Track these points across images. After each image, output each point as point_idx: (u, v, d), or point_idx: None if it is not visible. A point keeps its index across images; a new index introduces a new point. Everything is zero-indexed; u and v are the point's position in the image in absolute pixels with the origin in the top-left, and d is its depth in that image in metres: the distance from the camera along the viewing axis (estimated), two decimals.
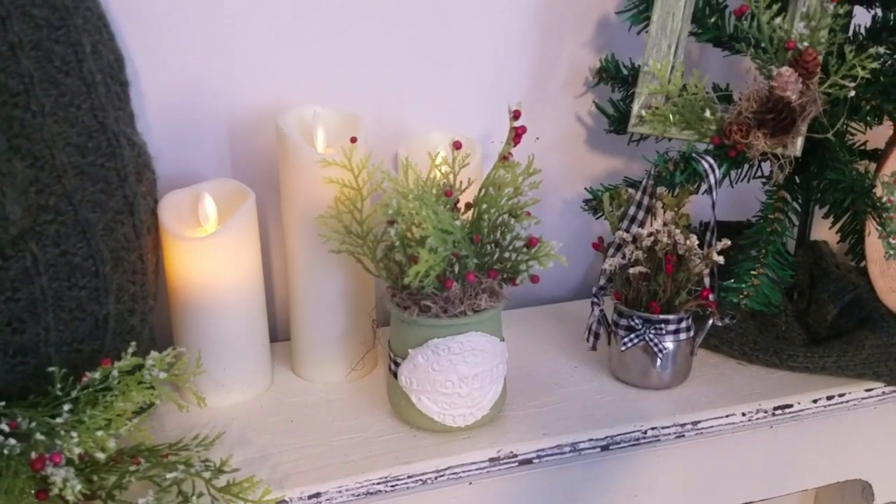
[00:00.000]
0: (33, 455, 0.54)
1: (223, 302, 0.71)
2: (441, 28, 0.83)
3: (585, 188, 0.84)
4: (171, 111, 0.76)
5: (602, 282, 0.76)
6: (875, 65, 0.65)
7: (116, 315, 0.65)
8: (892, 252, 0.68)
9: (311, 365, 0.77)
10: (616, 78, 0.83)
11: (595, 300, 0.76)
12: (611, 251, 0.75)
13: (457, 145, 0.69)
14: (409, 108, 0.84)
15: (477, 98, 0.87)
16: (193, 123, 0.78)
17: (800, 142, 0.68)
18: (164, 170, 0.73)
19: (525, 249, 0.65)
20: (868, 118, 0.72)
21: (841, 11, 0.67)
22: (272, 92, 0.80)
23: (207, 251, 0.70)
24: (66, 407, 0.58)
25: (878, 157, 0.71)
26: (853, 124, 0.75)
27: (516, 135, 0.66)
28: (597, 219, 0.83)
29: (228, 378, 0.73)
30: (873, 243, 0.69)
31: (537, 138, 0.89)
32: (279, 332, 0.86)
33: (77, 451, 0.56)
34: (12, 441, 0.55)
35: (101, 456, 0.56)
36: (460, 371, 0.65)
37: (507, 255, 0.65)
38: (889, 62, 0.72)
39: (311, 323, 0.76)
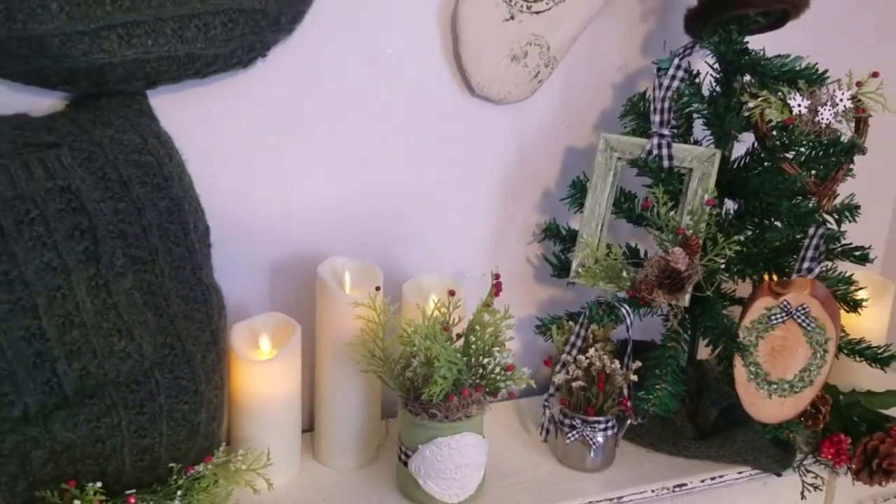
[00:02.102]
0: None
1: (272, 407, 0.94)
2: (428, 196, 1.10)
3: (536, 317, 1.12)
4: (229, 259, 1.00)
5: (552, 390, 1.03)
6: (738, 247, 0.96)
7: (205, 422, 0.87)
8: (751, 377, 0.98)
9: (332, 454, 1.00)
10: (556, 236, 1.12)
11: (546, 404, 1.03)
12: (558, 368, 1.03)
13: (451, 293, 0.96)
14: (408, 252, 1.11)
15: (455, 245, 1.14)
16: (243, 268, 1.02)
17: (687, 297, 0.97)
18: None
19: (503, 373, 0.91)
20: (736, 277, 1.04)
21: (714, 212, 0.98)
22: (303, 243, 1.05)
23: (267, 371, 0.93)
24: (179, 493, 0.81)
25: (744, 306, 1.02)
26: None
27: (496, 291, 0.93)
28: (545, 341, 1.11)
29: (272, 466, 0.95)
30: (739, 370, 0.98)
31: (499, 275, 1.17)
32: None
33: None
34: None
35: None
36: (457, 461, 0.90)
37: (490, 376, 0.92)
38: (751, 237, 1.04)
39: (334, 422, 1.00)
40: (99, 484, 0.78)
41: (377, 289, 0.95)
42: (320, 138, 1.02)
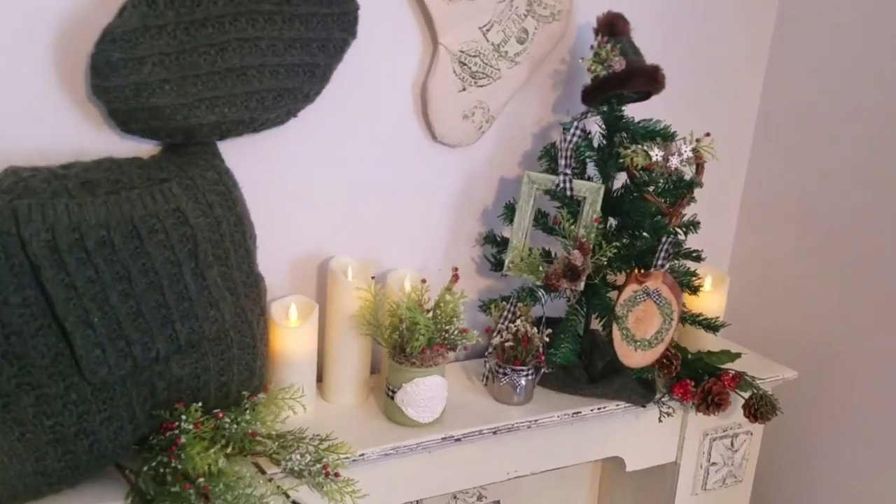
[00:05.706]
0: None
1: (297, 360, 1.35)
2: (402, 211, 1.53)
3: (479, 299, 1.56)
4: (265, 257, 1.39)
5: (490, 350, 1.47)
6: (615, 251, 1.43)
7: (259, 367, 1.27)
8: (624, 337, 1.44)
9: (337, 395, 1.42)
10: (493, 242, 1.57)
11: (486, 359, 1.47)
12: (495, 334, 1.47)
13: (423, 280, 1.39)
14: (387, 250, 1.53)
15: (420, 246, 1.57)
16: (274, 263, 1.42)
17: (582, 284, 1.43)
18: None
19: (460, 333, 1.35)
20: (615, 271, 1.50)
21: (600, 226, 1.45)
22: (311, 244, 1.46)
23: (295, 335, 1.33)
24: (248, 411, 1.21)
25: (618, 290, 1.48)
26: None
27: (455, 279, 1.37)
28: (485, 315, 1.55)
29: (297, 403, 1.35)
30: (616, 333, 1.45)
31: (457, 268, 1.60)
32: None
33: (264, 431, 1.18)
34: (234, 426, 1.17)
35: (272, 433, 1.19)
36: (429, 394, 1.33)
37: (451, 336, 1.35)
38: (625, 244, 1.50)
39: (338, 372, 1.41)
40: (200, 404, 1.17)
41: (373, 278, 1.37)
42: (330, 171, 1.43)
